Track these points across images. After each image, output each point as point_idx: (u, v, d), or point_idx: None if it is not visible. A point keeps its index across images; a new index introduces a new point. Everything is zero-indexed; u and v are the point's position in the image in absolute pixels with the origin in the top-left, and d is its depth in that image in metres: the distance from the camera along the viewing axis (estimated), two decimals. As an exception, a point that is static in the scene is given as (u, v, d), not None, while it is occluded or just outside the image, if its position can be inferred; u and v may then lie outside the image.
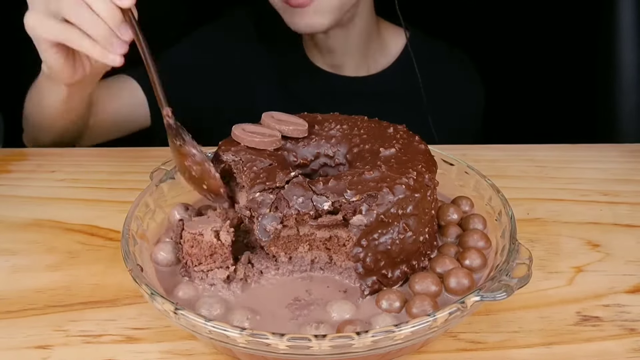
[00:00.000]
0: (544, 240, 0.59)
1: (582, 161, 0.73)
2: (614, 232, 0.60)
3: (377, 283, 0.46)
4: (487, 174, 0.56)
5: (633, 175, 0.70)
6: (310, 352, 0.39)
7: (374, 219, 0.44)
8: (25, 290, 0.53)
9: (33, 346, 0.47)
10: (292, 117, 0.55)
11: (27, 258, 0.57)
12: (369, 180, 0.46)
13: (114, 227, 0.61)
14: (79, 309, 0.51)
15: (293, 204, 0.45)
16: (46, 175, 0.71)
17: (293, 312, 0.45)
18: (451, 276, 0.46)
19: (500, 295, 0.42)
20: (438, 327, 0.40)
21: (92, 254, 0.57)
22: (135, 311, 0.50)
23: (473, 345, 0.47)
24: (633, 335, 0.48)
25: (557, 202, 0.65)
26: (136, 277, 0.44)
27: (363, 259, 0.45)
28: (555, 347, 0.47)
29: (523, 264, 0.44)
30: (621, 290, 0.52)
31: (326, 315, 0.45)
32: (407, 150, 0.51)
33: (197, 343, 0.47)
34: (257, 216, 0.46)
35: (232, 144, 0.52)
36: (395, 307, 0.45)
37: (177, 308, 0.41)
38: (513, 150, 0.75)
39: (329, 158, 0.54)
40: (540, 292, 0.52)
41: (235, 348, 0.41)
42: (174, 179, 0.57)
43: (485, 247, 0.50)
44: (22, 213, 0.64)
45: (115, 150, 0.78)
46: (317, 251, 0.48)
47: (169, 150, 0.53)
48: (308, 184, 0.46)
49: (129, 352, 0.47)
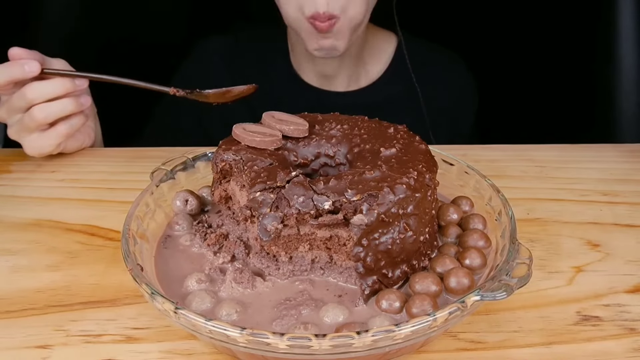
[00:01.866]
0: (544, 240, 0.59)
1: (581, 161, 0.73)
2: (613, 232, 0.60)
3: (377, 283, 0.46)
4: (487, 174, 0.56)
5: (633, 175, 0.70)
6: (310, 352, 0.39)
7: (375, 219, 0.44)
8: (25, 290, 0.53)
9: (33, 346, 0.47)
10: (293, 116, 0.55)
11: (27, 258, 0.57)
12: (369, 179, 0.46)
13: (114, 227, 0.61)
14: (79, 309, 0.51)
15: (294, 204, 0.45)
16: (46, 175, 0.71)
17: (280, 312, 0.45)
18: (451, 276, 0.46)
19: (500, 294, 0.42)
20: (438, 326, 0.40)
21: (92, 254, 0.57)
22: (135, 311, 0.50)
23: (473, 345, 0.47)
24: (633, 335, 0.48)
25: (557, 202, 0.65)
26: (136, 276, 0.44)
27: (364, 259, 0.45)
28: (555, 347, 0.47)
29: (523, 264, 0.44)
30: (621, 290, 0.52)
31: (316, 318, 0.45)
32: (408, 150, 0.51)
33: (197, 343, 0.47)
34: (257, 215, 0.46)
35: (233, 143, 0.52)
36: (395, 307, 0.45)
37: (177, 308, 0.41)
38: (513, 150, 0.75)
39: (329, 158, 0.54)
40: (540, 291, 0.52)
41: (235, 348, 0.41)
42: (174, 179, 0.57)
43: (485, 246, 0.50)
44: (22, 213, 0.64)
45: (115, 150, 0.78)
46: (318, 251, 0.48)
47: (169, 151, 0.54)
48: (309, 183, 0.46)
49: (129, 352, 0.47)
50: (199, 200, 0.56)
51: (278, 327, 0.44)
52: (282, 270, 0.49)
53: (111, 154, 0.76)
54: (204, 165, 0.60)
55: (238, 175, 0.51)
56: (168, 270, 0.50)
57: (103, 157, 0.75)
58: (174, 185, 0.57)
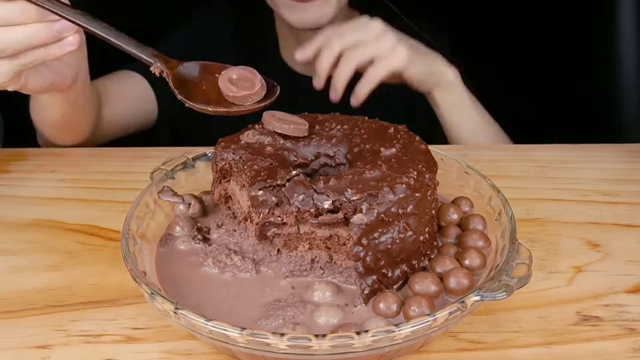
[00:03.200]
0: (543, 240, 0.59)
1: (581, 161, 0.73)
2: (613, 232, 0.60)
3: (377, 282, 0.46)
4: (487, 174, 0.56)
5: (633, 175, 0.70)
6: (310, 352, 0.39)
7: (375, 218, 0.44)
8: (25, 290, 0.53)
9: (33, 346, 0.47)
10: (293, 116, 0.55)
11: (27, 258, 0.57)
12: (369, 179, 0.46)
13: (114, 227, 0.61)
14: (79, 309, 0.51)
15: (294, 202, 0.45)
16: (46, 175, 0.71)
17: (267, 312, 0.45)
18: (451, 276, 0.46)
19: (500, 295, 0.42)
20: (438, 326, 0.40)
21: (92, 254, 0.57)
22: (135, 311, 0.50)
23: (473, 345, 0.47)
24: (633, 335, 0.48)
25: (557, 202, 0.65)
26: (136, 277, 0.44)
27: (363, 258, 0.45)
28: (555, 347, 0.47)
29: (523, 264, 0.44)
30: (621, 290, 0.52)
31: (308, 319, 0.45)
32: (408, 150, 0.51)
33: (197, 343, 0.47)
34: (257, 213, 0.46)
35: (232, 141, 0.52)
36: (393, 310, 0.45)
37: (177, 308, 0.41)
38: (513, 150, 0.75)
39: (329, 158, 0.54)
40: (540, 292, 0.52)
41: (235, 348, 0.41)
42: (174, 179, 0.57)
43: (484, 246, 0.50)
44: (22, 213, 0.64)
45: (115, 150, 0.78)
46: (318, 250, 0.48)
47: (169, 150, 0.53)
48: (309, 182, 0.46)
49: (129, 352, 0.47)
50: (202, 205, 0.56)
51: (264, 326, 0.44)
52: (284, 270, 0.49)
53: (111, 154, 0.76)
54: (204, 165, 0.60)
55: (238, 175, 0.51)
56: (168, 271, 0.50)
57: (103, 157, 0.75)
58: (174, 185, 0.57)
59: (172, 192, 0.55)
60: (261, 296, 0.47)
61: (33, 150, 0.78)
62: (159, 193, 0.54)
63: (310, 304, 0.46)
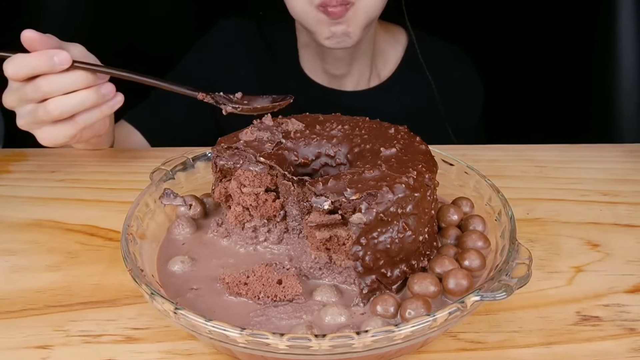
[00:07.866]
0: (543, 240, 0.59)
1: (581, 161, 0.73)
2: (613, 232, 0.60)
3: (376, 282, 0.46)
4: (487, 174, 0.56)
5: (633, 175, 0.70)
6: (310, 352, 0.39)
7: (374, 218, 0.44)
8: (25, 290, 0.53)
9: (33, 346, 0.47)
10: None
11: (27, 258, 0.57)
12: (368, 179, 0.46)
13: (114, 227, 0.61)
14: (79, 309, 0.51)
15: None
16: (46, 175, 0.71)
17: (255, 311, 0.46)
18: (450, 277, 0.46)
19: (500, 295, 0.42)
20: (438, 327, 0.40)
21: (92, 254, 0.57)
22: (135, 311, 0.50)
23: (473, 345, 0.47)
24: (633, 335, 0.48)
25: (557, 202, 0.65)
26: (136, 277, 0.44)
27: (362, 258, 0.45)
28: (555, 347, 0.47)
29: (523, 264, 0.44)
30: (621, 290, 0.52)
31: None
32: (408, 150, 0.51)
33: (197, 343, 0.47)
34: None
35: (232, 141, 0.52)
36: (390, 312, 0.45)
37: (177, 308, 0.41)
38: (513, 150, 0.75)
39: (330, 158, 0.54)
40: (540, 292, 0.52)
41: (235, 348, 0.41)
42: (174, 179, 0.57)
43: (484, 247, 0.50)
44: (22, 213, 0.64)
45: (115, 150, 0.78)
46: (317, 252, 0.48)
47: (169, 151, 0.53)
48: (308, 184, 0.46)
49: (129, 352, 0.47)
50: (203, 206, 0.56)
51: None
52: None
53: (111, 154, 0.76)
54: (204, 166, 0.60)
55: (238, 175, 0.51)
56: (168, 271, 0.50)
57: (103, 157, 0.75)
58: (174, 185, 0.57)
59: (173, 195, 0.55)
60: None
61: (33, 151, 0.78)
62: (160, 198, 0.54)
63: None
